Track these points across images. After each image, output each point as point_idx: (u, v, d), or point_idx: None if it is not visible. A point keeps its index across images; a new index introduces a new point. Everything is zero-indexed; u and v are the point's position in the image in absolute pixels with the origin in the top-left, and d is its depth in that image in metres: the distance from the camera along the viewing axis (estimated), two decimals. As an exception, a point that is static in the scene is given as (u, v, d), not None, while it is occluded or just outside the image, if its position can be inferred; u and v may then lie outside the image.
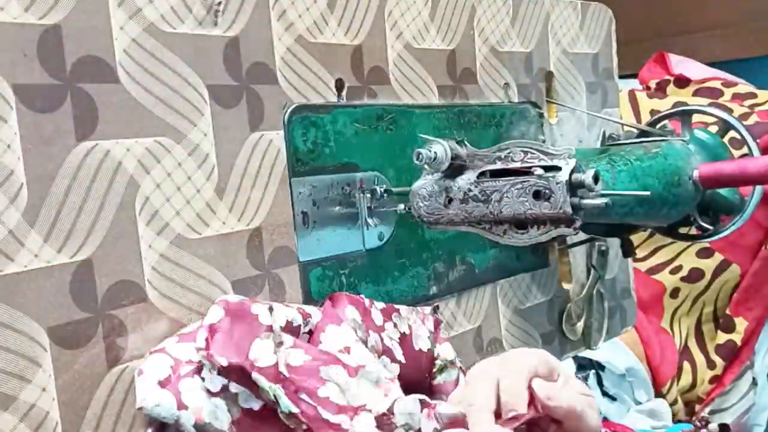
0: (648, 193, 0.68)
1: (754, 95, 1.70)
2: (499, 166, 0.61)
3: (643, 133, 0.86)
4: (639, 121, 1.66)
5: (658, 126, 0.88)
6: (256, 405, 0.54)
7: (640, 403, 1.45)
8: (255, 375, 0.52)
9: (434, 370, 0.68)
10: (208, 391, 0.53)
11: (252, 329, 0.55)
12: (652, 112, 1.65)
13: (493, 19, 0.87)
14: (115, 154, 0.54)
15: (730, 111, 1.12)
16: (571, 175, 0.57)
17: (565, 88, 0.98)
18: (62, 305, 0.51)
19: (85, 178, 0.52)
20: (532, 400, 0.55)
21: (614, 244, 1.01)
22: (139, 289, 0.55)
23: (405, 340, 0.65)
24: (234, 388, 0.53)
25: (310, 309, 0.61)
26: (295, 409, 0.52)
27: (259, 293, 0.63)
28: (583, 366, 1.39)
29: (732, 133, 0.84)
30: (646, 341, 1.52)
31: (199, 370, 0.53)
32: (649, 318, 1.55)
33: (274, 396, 0.52)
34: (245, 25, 0.63)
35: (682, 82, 1.80)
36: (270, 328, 0.55)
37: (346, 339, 0.59)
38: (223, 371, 0.53)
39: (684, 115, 0.86)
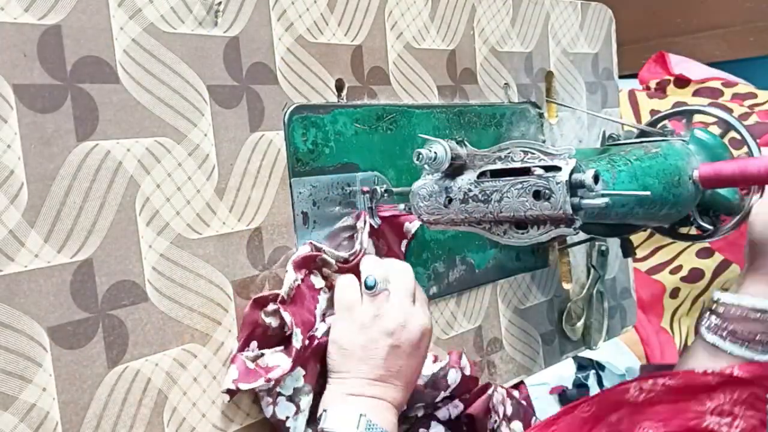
0: (648, 193, 0.68)
1: (754, 95, 1.70)
2: (499, 166, 0.61)
3: (643, 133, 0.86)
4: (639, 121, 1.66)
5: (658, 126, 0.88)
6: None
7: (640, 403, 1.45)
8: None
9: None
10: None
11: None
12: (652, 112, 1.64)
13: (493, 19, 0.87)
14: (116, 154, 0.54)
15: (730, 111, 1.11)
16: (571, 175, 0.57)
17: (565, 88, 0.98)
18: (62, 305, 0.51)
19: (85, 178, 0.52)
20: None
21: (614, 244, 1.01)
22: (139, 289, 0.55)
23: None
24: None
25: None
26: None
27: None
28: (583, 366, 1.38)
29: (732, 133, 0.84)
30: (646, 341, 1.52)
31: None
32: (649, 318, 1.54)
33: None
34: (245, 25, 0.63)
35: (682, 82, 1.80)
36: None
37: None
38: None
39: (684, 115, 0.86)
